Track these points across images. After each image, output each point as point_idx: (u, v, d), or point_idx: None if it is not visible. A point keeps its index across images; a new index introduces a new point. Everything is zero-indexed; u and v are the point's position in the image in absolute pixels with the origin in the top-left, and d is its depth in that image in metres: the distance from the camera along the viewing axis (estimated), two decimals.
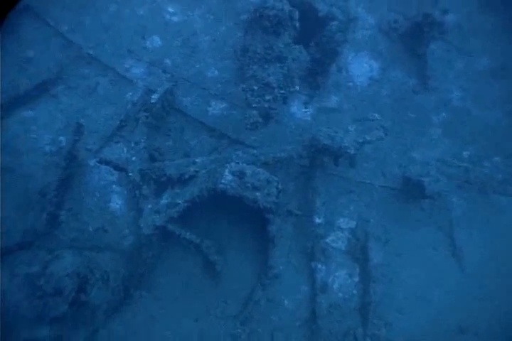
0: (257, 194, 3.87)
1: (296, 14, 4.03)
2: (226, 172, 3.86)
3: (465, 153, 5.66)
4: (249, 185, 3.82)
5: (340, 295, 5.18)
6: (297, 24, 4.11)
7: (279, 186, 4.03)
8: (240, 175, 3.82)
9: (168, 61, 5.18)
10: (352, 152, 4.56)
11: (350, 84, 5.42)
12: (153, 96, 4.53)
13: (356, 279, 5.27)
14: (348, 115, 5.43)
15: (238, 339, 4.85)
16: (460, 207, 5.85)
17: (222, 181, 3.86)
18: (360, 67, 5.41)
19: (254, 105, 4.18)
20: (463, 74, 5.83)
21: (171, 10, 5.24)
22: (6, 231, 5.01)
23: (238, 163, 3.98)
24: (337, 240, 5.37)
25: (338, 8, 5.08)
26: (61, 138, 4.89)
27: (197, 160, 4.66)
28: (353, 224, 5.42)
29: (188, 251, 4.93)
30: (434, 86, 5.54)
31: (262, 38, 4.09)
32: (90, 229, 4.93)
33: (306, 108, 5.36)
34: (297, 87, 4.46)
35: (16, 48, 5.50)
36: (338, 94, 5.42)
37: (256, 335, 4.96)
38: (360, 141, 4.60)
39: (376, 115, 5.06)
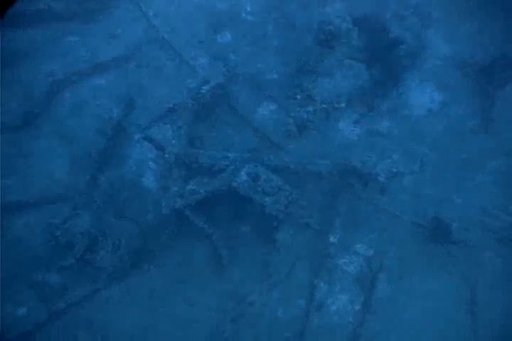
0: (266, 199, 3.93)
1: (355, 33, 4.01)
2: (242, 172, 3.97)
3: None
4: (260, 189, 3.90)
5: (336, 318, 5.09)
6: (353, 43, 4.09)
7: (291, 196, 4.06)
8: (255, 177, 3.91)
9: (232, 57, 5.38)
10: (382, 179, 4.45)
11: (406, 112, 5.25)
12: (203, 87, 4.73)
13: (357, 307, 5.14)
14: (396, 142, 5.27)
15: (222, 335, 4.96)
16: (494, 263, 5.45)
17: (236, 180, 3.98)
18: (421, 96, 5.22)
19: (292, 114, 4.24)
20: None
21: (248, 9, 5.42)
22: (54, 182, 5.56)
23: (257, 165, 4.07)
24: (349, 264, 5.26)
25: (413, 33, 4.94)
26: (116, 109, 5.29)
27: (230, 155, 4.80)
28: (370, 252, 5.28)
29: (200, 240, 5.12)
30: (497, 130, 5.19)
31: (317, 50, 4.12)
32: (120, 197, 5.31)
33: (354, 127, 5.29)
34: (343, 105, 4.42)
35: (108, 24, 6.03)
36: (391, 119, 5.28)
37: (241, 336, 5.04)
38: (394, 170, 4.46)
39: (424, 149, 4.88)
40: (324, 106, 4.27)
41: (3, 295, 4.76)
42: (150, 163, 5.26)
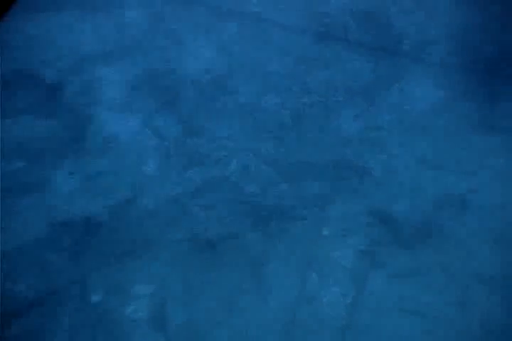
0: (254, 189, 3.99)
1: (351, 27, 4.00)
2: (233, 162, 4.03)
3: None
4: (249, 179, 3.95)
5: (327, 310, 5.13)
6: (351, 37, 4.09)
7: (280, 187, 4.11)
8: (244, 167, 3.97)
9: (236, 47, 5.41)
10: (377, 174, 4.46)
11: (407, 107, 5.22)
12: (205, 76, 4.79)
13: (349, 300, 5.17)
14: (395, 138, 5.25)
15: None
16: (490, 263, 5.41)
17: (226, 169, 4.05)
18: (423, 92, 5.18)
19: (288, 105, 4.26)
20: None
21: (254, 0, 5.44)
22: None
23: (248, 155, 4.12)
24: (343, 257, 5.28)
25: (417, 28, 4.91)
26: (117, 97, 5.40)
27: (229, 145, 4.86)
28: (363, 246, 5.29)
29: (196, 229, 5.21)
30: (500, 127, 5.13)
31: (316, 43, 4.14)
32: (121, 184, 5.43)
33: (354, 121, 5.29)
34: (340, 98, 4.43)
35: (118, 13, 6.13)
36: (391, 114, 5.26)
37: (231, 324, 5.13)
38: (389, 165, 4.47)
39: (424, 145, 4.87)
40: (321, 99, 4.28)
41: (3, 272, 4.94)
42: (151, 151, 5.36)
